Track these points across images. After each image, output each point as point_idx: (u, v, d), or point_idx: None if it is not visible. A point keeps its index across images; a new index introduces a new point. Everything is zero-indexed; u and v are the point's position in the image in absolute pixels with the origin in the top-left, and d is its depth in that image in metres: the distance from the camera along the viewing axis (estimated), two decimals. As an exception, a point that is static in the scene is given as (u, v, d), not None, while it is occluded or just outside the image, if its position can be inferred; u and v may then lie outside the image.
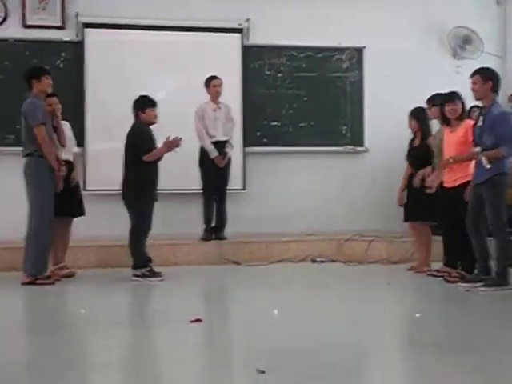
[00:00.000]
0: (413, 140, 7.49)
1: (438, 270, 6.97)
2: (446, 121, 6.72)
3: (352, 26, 9.30)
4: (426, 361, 3.94)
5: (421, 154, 7.23)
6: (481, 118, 6.27)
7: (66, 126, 7.30)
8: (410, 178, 7.37)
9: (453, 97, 6.63)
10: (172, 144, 6.92)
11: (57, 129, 6.98)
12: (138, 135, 6.96)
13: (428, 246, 7.37)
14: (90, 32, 8.80)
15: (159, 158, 7.00)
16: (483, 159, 6.07)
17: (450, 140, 6.62)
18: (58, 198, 6.74)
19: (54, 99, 7.05)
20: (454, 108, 6.61)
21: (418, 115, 7.33)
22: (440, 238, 7.04)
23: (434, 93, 7.22)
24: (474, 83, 6.23)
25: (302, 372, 3.70)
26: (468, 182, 6.43)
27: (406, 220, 7.46)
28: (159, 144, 7.01)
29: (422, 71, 9.24)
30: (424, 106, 7.33)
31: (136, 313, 5.81)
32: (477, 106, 6.97)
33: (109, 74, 8.78)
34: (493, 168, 6.06)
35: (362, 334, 4.72)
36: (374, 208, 9.17)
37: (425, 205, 7.07)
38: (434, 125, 7.44)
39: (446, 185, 6.70)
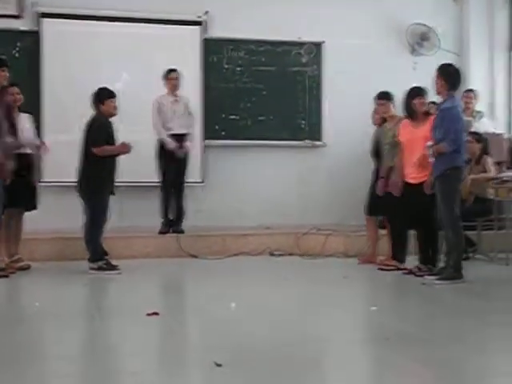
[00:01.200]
0: None
1: (386, 264, 7.05)
2: (412, 115, 6.72)
3: (311, 21, 9.33)
4: (384, 354, 3.98)
5: None
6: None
7: (29, 119, 7.15)
8: (376, 172, 7.42)
9: (422, 91, 6.69)
10: (125, 148, 6.92)
11: (13, 126, 6.71)
12: (92, 126, 6.89)
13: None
14: (47, 22, 8.66)
15: (115, 155, 6.95)
16: (429, 152, 6.20)
17: (416, 135, 6.59)
18: (12, 189, 6.55)
19: (16, 89, 6.90)
20: (423, 101, 6.68)
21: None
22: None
23: (387, 89, 7.29)
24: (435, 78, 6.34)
25: (260, 366, 3.71)
26: None
27: (375, 214, 7.51)
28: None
29: (380, 67, 9.30)
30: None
31: (92, 306, 5.74)
32: (433, 102, 7.05)
33: (66, 65, 8.65)
34: (446, 162, 6.16)
35: (319, 327, 4.74)
36: (331, 202, 9.24)
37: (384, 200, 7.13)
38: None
39: (412, 181, 6.70)
